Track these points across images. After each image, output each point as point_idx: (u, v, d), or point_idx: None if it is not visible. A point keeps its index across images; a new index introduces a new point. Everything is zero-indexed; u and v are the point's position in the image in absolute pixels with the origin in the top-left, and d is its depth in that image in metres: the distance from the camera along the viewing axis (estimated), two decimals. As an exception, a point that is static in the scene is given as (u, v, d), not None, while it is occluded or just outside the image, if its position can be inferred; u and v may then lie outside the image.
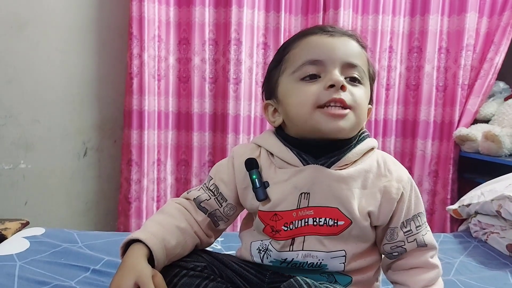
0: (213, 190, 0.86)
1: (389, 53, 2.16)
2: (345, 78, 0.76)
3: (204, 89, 2.02)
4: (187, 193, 0.89)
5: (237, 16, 1.98)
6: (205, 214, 0.86)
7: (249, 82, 2.05)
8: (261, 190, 0.79)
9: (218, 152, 2.07)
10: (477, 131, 2.05)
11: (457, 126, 2.16)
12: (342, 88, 0.75)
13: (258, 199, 0.80)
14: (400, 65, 2.19)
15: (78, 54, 1.94)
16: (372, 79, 0.84)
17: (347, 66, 0.77)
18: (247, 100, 2.05)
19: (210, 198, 0.86)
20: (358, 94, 0.77)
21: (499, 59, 2.14)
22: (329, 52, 0.77)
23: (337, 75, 0.75)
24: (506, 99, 2.22)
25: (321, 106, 0.75)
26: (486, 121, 2.21)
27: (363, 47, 0.82)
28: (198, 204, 0.86)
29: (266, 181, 0.80)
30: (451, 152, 2.17)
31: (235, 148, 0.90)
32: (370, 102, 0.85)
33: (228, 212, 0.86)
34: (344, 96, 0.74)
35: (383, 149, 2.21)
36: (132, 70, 1.91)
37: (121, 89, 1.99)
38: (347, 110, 0.75)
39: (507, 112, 2.11)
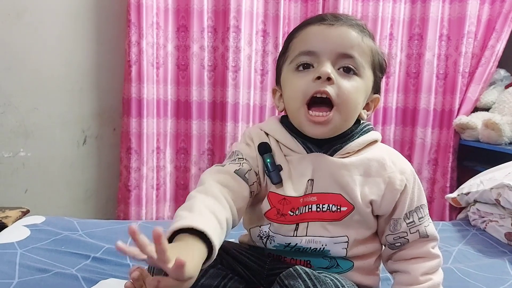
0: (249, 161, 0.81)
1: (389, 40, 2.15)
2: (338, 69, 0.77)
3: (203, 77, 2.01)
4: (223, 167, 0.80)
5: (236, 2, 1.96)
6: (248, 185, 0.79)
7: (248, 70, 2.03)
8: (275, 173, 0.80)
9: (217, 140, 2.07)
10: (477, 119, 2.04)
11: (457, 114, 2.15)
12: (329, 80, 0.74)
13: (273, 182, 0.80)
14: (401, 52, 2.18)
15: (76, 41, 1.93)
16: (380, 70, 0.84)
17: (342, 56, 0.77)
18: (246, 88, 2.04)
19: (251, 169, 0.80)
20: (347, 87, 0.76)
21: (500, 46, 2.12)
22: (323, 43, 0.77)
23: (325, 67, 0.75)
24: (506, 87, 2.21)
25: (308, 103, 0.76)
26: (487, 109, 2.20)
27: (370, 37, 0.81)
28: (243, 175, 0.78)
29: (279, 165, 0.81)
30: (451, 140, 2.17)
31: (249, 129, 0.89)
32: (377, 91, 0.85)
33: (258, 187, 0.81)
34: (329, 89, 0.74)
35: (383, 137, 2.20)
36: (131, 58, 1.90)
37: (119, 77, 1.98)
38: (330, 114, 0.75)
39: (507, 100, 2.10)
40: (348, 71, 0.77)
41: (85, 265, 1.05)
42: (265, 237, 0.83)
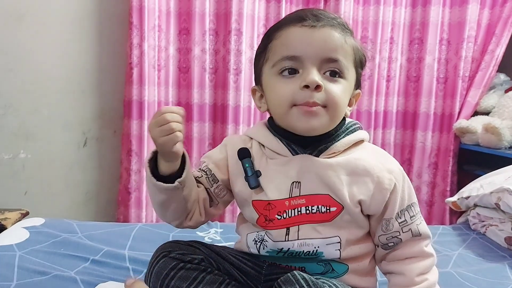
0: (205, 171, 0.87)
1: (390, 44, 2.15)
2: (324, 73, 0.76)
3: (204, 79, 2.01)
4: None
5: (237, 6, 1.96)
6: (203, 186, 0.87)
7: (249, 72, 2.03)
8: (253, 178, 0.81)
9: (218, 142, 2.06)
10: (477, 123, 2.05)
11: (457, 118, 2.15)
12: (317, 88, 0.74)
13: (251, 187, 0.81)
14: (401, 56, 2.18)
15: (78, 43, 1.93)
16: (361, 66, 0.83)
17: (327, 61, 0.76)
18: (247, 91, 2.04)
19: (202, 176, 0.87)
20: (334, 91, 0.76)
21: (500, 51, 2.13)
22: (306, 47, 0.76)
23: (313, 75, 0.74)
24: (506, 91, 2.21)
25: (296, 105, 0.76)
26: (487, 113, 2.20)
27: (351, 34, 0.80)
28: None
29: (258, 170, 0.82)
30: (451, 144, 2.17)
31: (228, 137, 0.93)
32: (359, 87, 0.85)
33: (219, 193, 0.87)
34: (318, 97, 0.75)
35: (383, 140, 2.21)
36: (132, 60, 1.90)
37: (121, 79, 1.98)
38: (321, 108, 0.75)
39: (507, 104, 2.10)
40: (334, 74, 0.77)
41: (84, 268, 1.05)
42: (259, 242, 0.83)
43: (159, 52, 1.98)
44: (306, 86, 0.74)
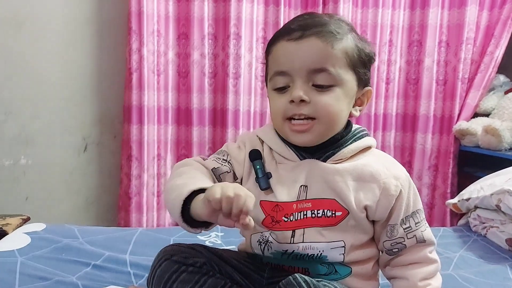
0: (231, 165, 0.86)
1: (389, 47, 2.16)
2: (313, 84, 0.77)
3: (204, 84, 2.02)
4: (204, 161, 0.87)
5: (236, 10, 1.97)
6: None
7: (248, 76, 2.04)
8: (264, 179, 0.82)
9: (218, 147, 2.06)
10: (477, 125, 2.05)
11: (457, 120, 2.15)
12: (302, 102, 0.76)
13: (261, 188, 0.82)
14: (400, 59, 2.19)
15: (77, 49, 1.94)
16: (363, 64, 0.80)
17: (314, 72, 0.76)
18: (246, 95, 2.04)
19: (230, 172, 0.85)
20: (324, 102, 0.76)
21: (500, 52, 2.13)
22: (293, 63, 0.77)
23: (296, 90, 0.76)
24: (506, 92, 2.22)
25: (288, 118, 0.78)
26: (486, 115, 2.20)
27: (343, 35, 0.78)
28: (218, 175, 0.85)
29: (269, 172, 0.83)
30: (451, 146, 2.17)
31: (245, 134, 0.93)
32: (367, 84, 0.83)
33: None
34: (305, 110, 0.76)
35: (383, 143, 2.21)
36: (132, 65, 1.90)
37: (120, 84, 1.98)
38: (311, 123, 0.77)
39: (507, 106, 2.10)
40: (320, 86, 0.77)
41: (85, 273, 1.05)
42: (263, 243, 0.83)
43: (159, 57, 1.98)
44: (293, 101, 0.76)
